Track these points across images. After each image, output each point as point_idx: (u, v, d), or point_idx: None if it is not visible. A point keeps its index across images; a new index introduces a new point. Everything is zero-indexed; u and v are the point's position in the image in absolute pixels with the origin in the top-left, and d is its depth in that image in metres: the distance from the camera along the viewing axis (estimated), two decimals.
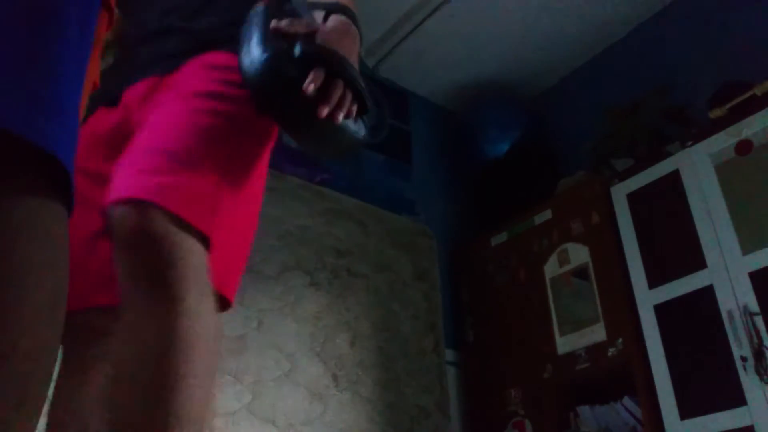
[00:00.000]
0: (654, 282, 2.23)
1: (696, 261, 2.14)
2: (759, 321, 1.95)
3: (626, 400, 2.28)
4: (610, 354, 2.28)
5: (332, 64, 0.95)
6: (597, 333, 2.34)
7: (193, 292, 0.79)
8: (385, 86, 3.20)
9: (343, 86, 0.95)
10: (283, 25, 0.96)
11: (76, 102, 0.49)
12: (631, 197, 2.39)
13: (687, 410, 2.04)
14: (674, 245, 2.24)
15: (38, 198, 0.44)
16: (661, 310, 2.19)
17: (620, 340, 2.27)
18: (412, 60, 3.14)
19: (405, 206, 2.98)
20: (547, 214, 2.66)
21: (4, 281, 0.42)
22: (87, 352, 0.95)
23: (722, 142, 2.20)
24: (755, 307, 1.97)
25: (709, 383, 2.04)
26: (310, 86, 0.91)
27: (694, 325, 2.12)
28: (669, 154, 2.35)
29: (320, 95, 0.93)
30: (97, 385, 0.92)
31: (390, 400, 2.40)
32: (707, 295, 2.09)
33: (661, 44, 2.88)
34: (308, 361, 2.23)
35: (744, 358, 1.94)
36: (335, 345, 2.33)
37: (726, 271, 2.07)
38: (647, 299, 2.23)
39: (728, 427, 1.94)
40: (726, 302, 2.03)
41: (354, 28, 1.04)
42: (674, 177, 2.29)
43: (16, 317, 0.42)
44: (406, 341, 2.56)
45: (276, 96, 0.94)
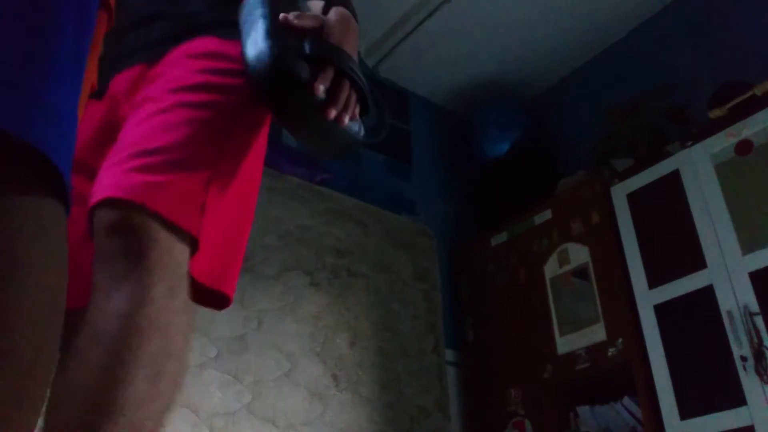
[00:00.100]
0: (654, 282, 2.23)
1: (696, 261, 2.14)
2: (759, 321, 1.95)
3: (626, 400, 2.28)
4: (610, 354, 2.28)
5: (340, 63, 0.94)
6: (597, 333, 2.34)
7: (162, 286, 0.78)
8: (385, 86, 3.20)
9: (349, 87, 0.95)
10: (292, 19, 0.94)
11: (74, 102, 0.49)
12: (631, 197, 2.39)
13: (687, 410, 2.04)
14: (674, 245, 2.24)
15: (36, 198, 0.44)
16: (661, 310, 2.19)
17: (620, 340, 2.27)
18: (412, 60, 3.14)
19: (405, 206, 2.98)
20: (547, 214, 2.66)
21: (3, 281, 0.42)
22: None
23: (722, 142, 2.20)
24: (755, 307, 1.97)
25: (709, 383, 2.04)
26: (320, 88, 0.91)
27: (694, 325, 2.12)
28: (669, 154, 2.35)
29: (327, 95, 0.92)
30: None
31: (390, 400, 2.40)
32: (707, 295, 2.09)
33: (661, 44, 2.88)
34: (308, 361, 2.23)
35: (744, 358, 1.94)
36: (335, 345, 2.33)
37: (726, 271, 2.06)
38: (647, 299, 2.23)
39: (728, 427, 1.94)
40: (726, 302, 2.03)
41: (354, 21, 1.03)
42: (674, 177, 2.29)
43: (16, 317, 0.42)
44: (406, 341, 2.55)
45: (283, 94, 0.92)
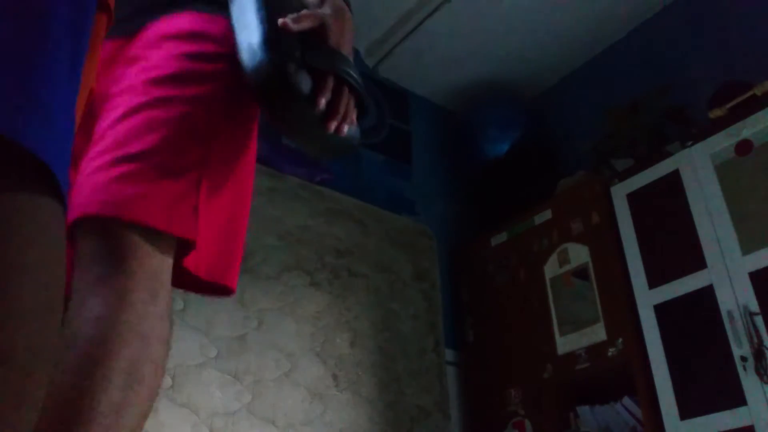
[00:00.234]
0: (654, 282, 2.23)
1: (696, 261, 2.14)
2: (759, 321, 1.95)
3: (626, 400, 2.28)
4: (610, 354, 2.28)
5: (340, 72, 0.92)
6: (597, 333, 2.33)
7: (142, 291, 0.77)
8: (385, 86, 3.20)
9: (348, 93, 0.93)
10: (291, 25, 0.91)
11: (71, 102, 0.49)
12: (631, 197, 2.39)
13: (687, 410, 2.04)
14: (674, 245, 2.24)
15: (33, 197, 0.44)
16: (661, 310, 2.19)
17: (620, 340, 2.27)
18: (412, 60, 3.14)
19: (405, 206, 2.98)
20: (547, 214, 2.66)
21: (1, 281, 0.42)
22: None
23: (722, 142, 2.20)
24: (755, 307, 1.97)
25: (709, 383, 2.04)
26: (322, 101, 0.89)
27: (694, 325, 2.12)
28: (669, 154, 2.34)
29: (327, 105, 0.91)
30: None
31: (390, 400, 2.39)
32: (707, 295, 2.09)
33: (661, 44, 2.88)
34: (308, 361, 2.23)
35: (744, 358, 1.94)
36: (335, 345, 2.33)
37: (726, 271, 2.06)
38: (647, 299, 2.23)
39: (728, 427, 1.94)
40: (726, 302, 2.03)
41: (349, 12, 1.01)
42: (674, 177, 2.29)
43: (14, 316, 0.42)
44: (406, 341, 2.55)
45: (284, 108, 0.90)
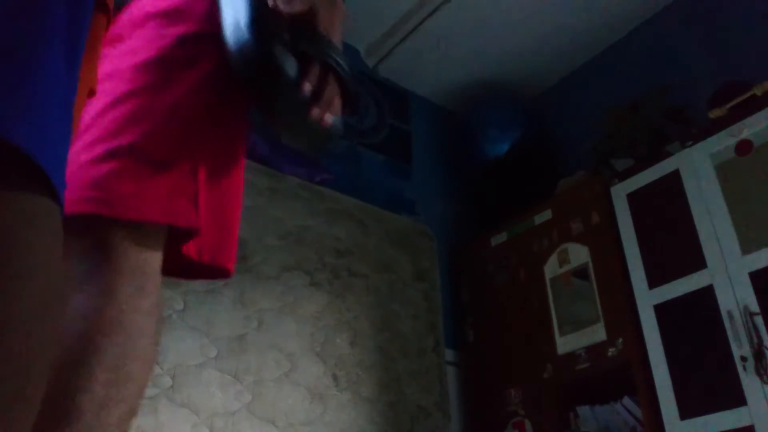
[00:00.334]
0: (654, 282, 2.23)
1: (696, 261, 2.14)
2: (759, 321, 1.95)
3: (626, 400, 2.28)
4: (610, 354, 2.28)
5: (328, 59, 0.92)
6: (597, 333, 2.33)
7: (129, 285, 0.77)
8: (385, 86, 3.20)
9: (334, 82, 0.92)
10: (281, 7, 0.89)
11: (68, 102, 0.49)
12: (631, 197, 2.39)
13: (687, 410, 2.04)
14: (674, 245, 2.24)
15: (30, 197, 0.44)
16: (661, 310, 2.19)
17: (620, 340, 2.27)
18: (412, 60, 3.14)
19: (405, 206, 2.98)
20: (547, 214, 2.66)
21: (0, 284, 0.42)
22: None
23: (722, 142, 2.20)
24: (755, 307, 1.97)
25: (709, 383, 2.04)
26: (307, 86, 0.89)
27: (694, 325, 2.12)
28: (669, 154, 2.34)
29: (312, 91, 0.90)
30: None
31: (390, 400, 2.39)
32: (707, 295, 2.09)
33: (661, 44, 2.88)
34: (308, 361, 2.23)
35: (744, 358, 1.94)
36: (335, 345, 2.33)
37: (726, 271, 2.06)
38: (647, 299, 2.23)
39: (728, 427, 1.94)
40: (726, 302, 2.03)
41: (342, 3, 0.99)
42: (674, 177, 2.29)
43: (12, 316, 0.42)
44: (406, 341, 2.55)
45: (268, 91, 0.89)
